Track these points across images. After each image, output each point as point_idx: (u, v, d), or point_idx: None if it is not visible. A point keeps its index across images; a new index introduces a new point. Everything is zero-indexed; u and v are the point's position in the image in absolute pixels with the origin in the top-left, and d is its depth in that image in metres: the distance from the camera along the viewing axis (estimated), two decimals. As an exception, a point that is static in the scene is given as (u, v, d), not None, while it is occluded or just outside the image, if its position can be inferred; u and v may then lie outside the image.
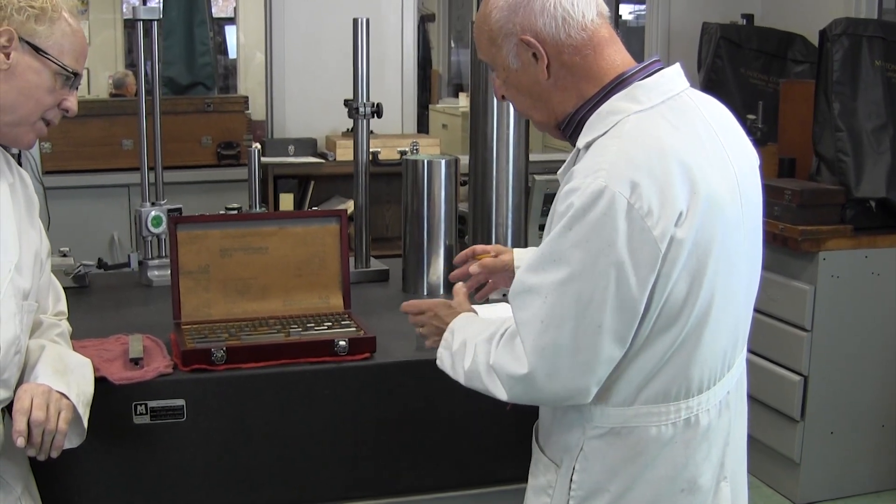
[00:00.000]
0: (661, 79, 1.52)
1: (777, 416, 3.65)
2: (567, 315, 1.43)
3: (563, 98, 1.54)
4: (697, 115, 1.53)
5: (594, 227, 1.40)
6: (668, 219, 1.40)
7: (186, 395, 1.88)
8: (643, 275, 1.40)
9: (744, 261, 1.55)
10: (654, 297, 1.43)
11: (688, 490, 1.54)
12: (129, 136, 4.30)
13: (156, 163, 2.74)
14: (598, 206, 1.39)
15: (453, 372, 1.64)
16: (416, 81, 4.91)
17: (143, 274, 2.64)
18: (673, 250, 1.41)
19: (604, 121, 1.49)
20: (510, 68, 1.55)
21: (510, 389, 1.51)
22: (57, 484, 1.84)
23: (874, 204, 3.55)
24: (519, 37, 1.51)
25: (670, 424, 1.52)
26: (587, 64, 1.52)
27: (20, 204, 1.68)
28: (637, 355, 1.48)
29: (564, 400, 1.51)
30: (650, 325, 1.45)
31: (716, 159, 1.49)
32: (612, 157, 1.43)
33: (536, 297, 1.45)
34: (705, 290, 1.46)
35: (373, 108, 2.68)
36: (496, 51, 1.55)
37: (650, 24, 5.22)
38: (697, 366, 1.50)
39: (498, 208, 2.68)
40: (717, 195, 1.46)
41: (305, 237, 2.20)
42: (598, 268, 1.40)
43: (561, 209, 1.44)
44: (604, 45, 1.53)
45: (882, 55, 3.65)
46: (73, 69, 1.63)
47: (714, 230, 1.45)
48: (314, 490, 1.98)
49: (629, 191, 1.39)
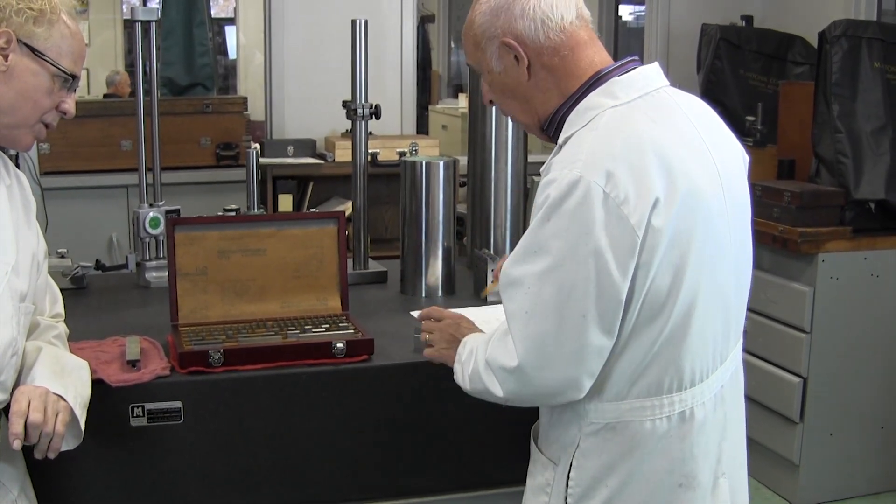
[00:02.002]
0: (637, 76, 1.56)
1: (776, 417, 3.65)
2: (550, 305, 1.46)
3: (544, 98, 1.58)
4: (675, 110, 1.55)
5: (571, 216, 1.43)
6: (644, 207, 1.42)
7: (184, 397, 1.87)
8: (623, 262, 1.43)
9: (731, 253, 1.56)
10: (636, 287, 1.45)
11: (686, 485, 1.55)
12: (128, 137, 4.29)
13: (154, 164, 2.73)
14: (573, 195, 1.42)
15: (463, 382, 1.67)
16: (415, 82, 4.91)
17: (141, 275, 2.64)
18: (651, 238, 1.43)
19: (582, 116, 1.53)
20: (494, 71, 1.60)
21: (504, 384, 1.54)
22: (54, 486, 1.84)
23: (873, 206, 3.55)
24: (501, 39, 1.56)
25: (665, 418, 1.53)
26: (566, 64, 1.56)
27: (17, 205, 1.68)
28: (625, 348, 1.49)
29: (558, 394, 1.52)
30: (634, 316, 1.47)
31: (695, 151, 1.51)
32: (588, 148, 1.46)
33: (520, 288, 1.49)
34: (689, 280, 1.47)
35: (371, 110, 2.68)
36: (481, 54, 1.60)
37: (650, 26, 5.22)
38: (688, 358, 1.51)
39: (496, 210, 2.68)
40: (697, 186, 1.48)
41: (303, 239, 2.19)
42: (578, 256, 1.43)
43: (539, 201, 1.48)
44: (582, 46, 1.57)
45: (881, 57, 3.65)
46: (71, 71, 1.63)
47: (694, 221, 1.47)
48: (312, 492, 1.98)
49: (605, 180, 1.42)
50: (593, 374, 1.49)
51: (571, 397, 1.52)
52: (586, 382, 1.50)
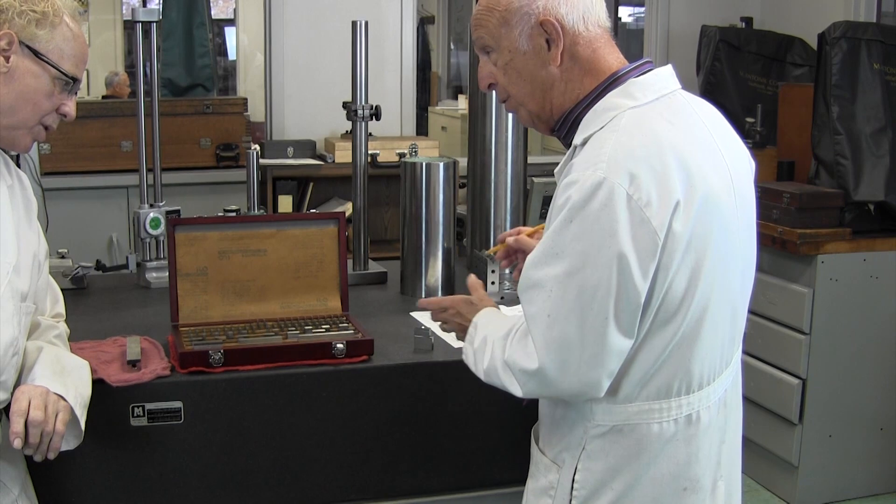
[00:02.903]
0: (655, 77, 1.55)
1: (775, 419, 3.65)
2: (573, 308, 1.44)
3: (564, 90, 1.55)
4: (691, 113, 1.55)
5: (595, 218, 1.41)
6: (666, 210, 1.41)
7: (184, 397, 1.88)
8: (645, 265, 1.41)
9: (739, 257, 1.56)
10: (655, 289, 1.44)
11: (690, 489, 1.55)
12: (128, 138, 4.30)
13: (154, 164, 2.74)
14: (597, 197, 1.41)
15: (475, 368, 1.64)
16: (415, 83, 4.91)
17: (142, 276, 2.64)
18: (671, 242, 1.42)
19: (600, 117, 1.51)
20: (518, 50, 1.55)
21: (524, 385, 1.52)
22: (54, 486, 1.84)
23: (873, 207, 3.55)
24: (540, 18, 1.52)
25: (672, 421, 1.52)
26: (595, 58, 1.54)
27: (18, 205, 1.68)
28: (638, 351, 1.48)
29: (578, 394, 1.50)
30: (650, 318, 1.46)
31: (711, 156, 1.51)
32: (611, 149, 1.44)
33: (542, 291, 1.46)
34: (703, 284, 1.47)
35: (371, 111, 2.69)
36: (506, 31, 1.54)
37: (649, 27, 5.22)
38: (697, 361, 1.51)
39: (496, 211, 2.68)
40: (713, 190, 1.47)
41: (304, 239, 2.20)
42: (601, 259, 1.41)
43: (560, 202, 1.46)
44: (609, 45, 1.57)
45: (881, 58, 3.65)
46: (72, 74, 1.63)
47: (711, 225, 1.47)
48: (311, 492, 1.98)
49: (628, 182, 1.40)
50: (612, 375, 1.48)
51: (591, 396, 1.51)
52: (605, 383, 1.49)
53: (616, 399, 1.52)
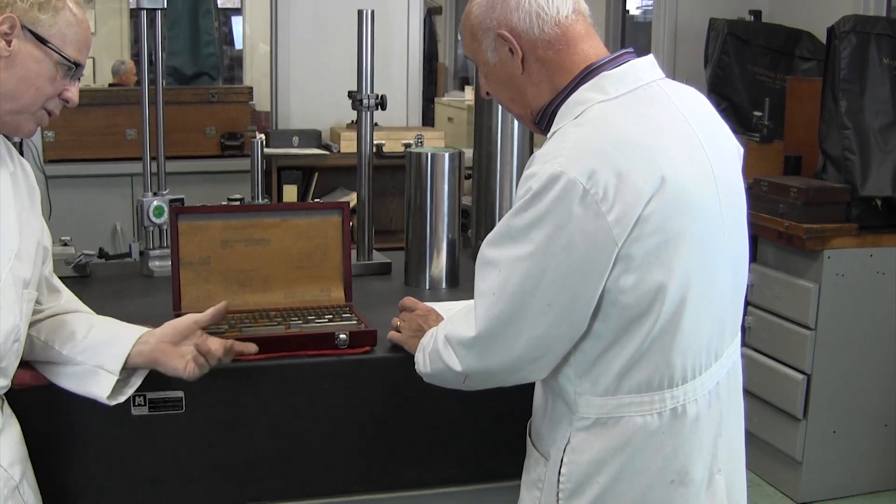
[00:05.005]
0: (629, 69, 1.56)
1: (779, 414, 3.64)
2: (516, 290, 1.48)
3: (537, 91, 1.59)
4: (667, 104, 1.55)
5: (548, 209, 1.44)
6: (626, 205, 1.42)
7: (185, 386, 1.86)
8: (596, 258, 1.44)
9: (727, 248, 1.56)
10: (619, 284, 1.45)
11: (678, 482, 1.55)
12: (133, 126, 4.30)
13: (158, 153, 2.72)
14: (553, 189, 1.44)
15: (424, 367, 1.70)
16: (421, 74, 4.91)
17: (144, 264, 2.63)
18: (635, 236, 1.43)
19: (571, 111, 1.54)
20: (489, 63, 1.61)
21: (463, 360, 1.56)
22: (55, 474, 1.84)
23: (880, 202, 3.54)
24: (496, 31, 1.57)
25: (656, 414, 1.52)
26: (560, 58, 1.57)
27: (21, 192, 1.67)
28: (613, 344, 1.50)
29: (516, 372, 1.55)
30: (620, 312, 1.47)
31: (685, 147, 1.51)
32: (572, 143, 1.47)
33: (493, 269, 1.52)
34: (679, 277, 1.47)
35: (377, 101, 2.67)
36: (477, 46, 1.62)
37: (657, 20, 5.21)
38: (679, 355, 1.51)
39: (501, 202, 2.67)
40: (686, 183, 1.47)
41: (307, 229, 2.19)
42: (551, 249, 1.45)
43: (520, 193, 1.50)
44: (578, 40, 1.57)
45: (890, 53, 3.63)
46: (74, 59, 1.62)
47: (684, 217, 1.47)
48: (313, 483, 1.98)
49: (586, 177, 1.42)
50: (554, 361, 1.53)
51: (531, 378, 1.56)
52: (546, 367, 1.53)
53: (597, 392, 1.53)
